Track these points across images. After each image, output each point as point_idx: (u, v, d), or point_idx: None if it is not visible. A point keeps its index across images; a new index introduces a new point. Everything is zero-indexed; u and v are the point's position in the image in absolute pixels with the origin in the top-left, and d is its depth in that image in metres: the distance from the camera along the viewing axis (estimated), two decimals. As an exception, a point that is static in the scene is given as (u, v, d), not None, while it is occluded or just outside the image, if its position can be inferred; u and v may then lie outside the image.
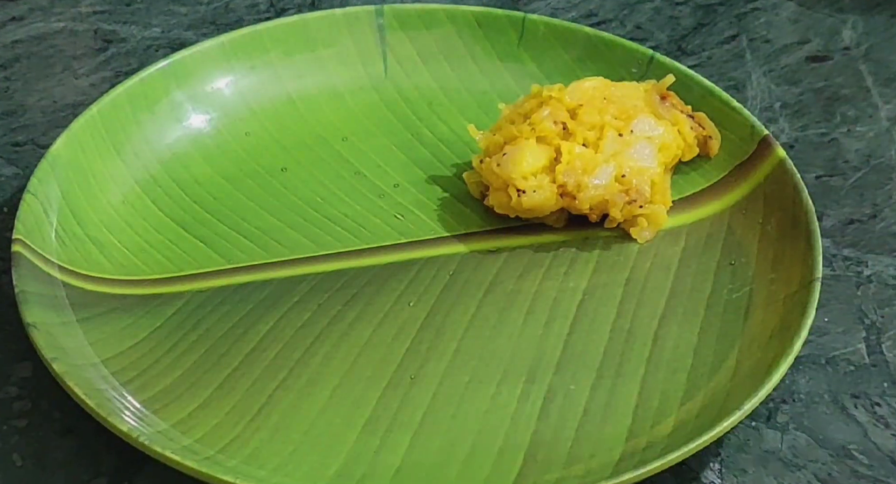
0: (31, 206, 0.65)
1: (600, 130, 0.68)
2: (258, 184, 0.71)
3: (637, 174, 0.67)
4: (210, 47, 0.75)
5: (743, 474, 0.59)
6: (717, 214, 0.69)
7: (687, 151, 0.71)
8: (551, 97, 0.69)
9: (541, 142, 0.68)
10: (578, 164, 0.67)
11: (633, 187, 0.67)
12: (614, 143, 0.68)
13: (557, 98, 0.69)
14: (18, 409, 0.60)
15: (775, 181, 0.68)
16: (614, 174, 0.67)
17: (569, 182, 0.67)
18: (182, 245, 0.67)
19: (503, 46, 0.78)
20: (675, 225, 0.69)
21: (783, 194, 0.68)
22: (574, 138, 0.68)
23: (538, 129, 0.68)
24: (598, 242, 0.68)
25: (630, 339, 0.63)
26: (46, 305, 0.61)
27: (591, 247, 0.68)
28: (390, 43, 0.78)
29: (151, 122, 0.72)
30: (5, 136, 0.75)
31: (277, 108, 0.75)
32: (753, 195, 0.69)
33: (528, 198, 0.67)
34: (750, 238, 0.67)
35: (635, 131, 0.68)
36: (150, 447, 0.55)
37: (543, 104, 0.69)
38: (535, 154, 0.67)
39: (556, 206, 0.67)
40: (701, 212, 0.70)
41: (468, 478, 0.57)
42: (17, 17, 0.84)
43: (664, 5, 0.86)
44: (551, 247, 0.68)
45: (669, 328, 0.63)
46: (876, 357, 0.64)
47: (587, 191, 0.67)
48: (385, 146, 0.74)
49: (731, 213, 0.69)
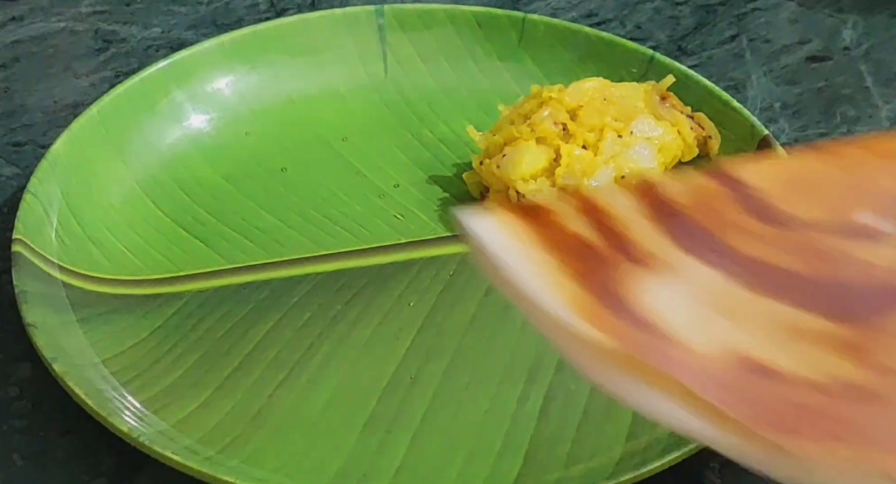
0: (31, 206, 0.65)
1: (600, 132, 0.68)
2: (258, 184, 0.71)
3: (637, 175, 0.67)
4: (210, 47, 0.75)
5: (743, 474, 0.58)
6: (718, 214, 0.69)
7: (687, 152, 0.71)
8: (551, 98, 0.69)
9: (540, 143, 0.68)
10: (578, 167, 0.67)
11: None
12: (614, 144, 0.68)
13: (557, 99, 0.69)
14: (18, 409, 0.60)
15: (775, 181, 0.68)
16: (614, 176, 0.67)
17: (568, 185, 0.67)
18: (182, 245, 0.67)
19: (503, 46, 0.78)
20: (676, 225, 0.69)
21: (783, 194, 0.67)
22: (574, 140, 0.68)
23: (538, 130, 0.68)
24: (599, 242, 0.68)
25: (630, 339, 0.63)
26: (46, 305, 0.61)
27: (592, 247, 0.68)
28: (390, 43, 0.78)
29: (151, 122, 0.72)
30: (5, 136, 0.75)
31: (277, 108, 0.75)
32: (754, 195, 0.69)
33: (527, 201, 0.67)
34: (750, 238, 0.67)
35: (635, 132, 0.68)
36: (150, 447, 0.55)
37: (543, 105, 0.69)
38: (534, 155, 0.67)
39: (555, 207, 0.67)
40: (701, 212, 0.69)
41: (468, 478, 0.57)
42: (17, 17, 0.84)
43: (664, 5, 0.86)
44: (551, 247, 0.68)
45: (670, 328, 0.63)
46: (876, 357, 0.64)
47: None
48: (385, 146, 0.74)
49: (731, 213, 0.69)
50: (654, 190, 0.45)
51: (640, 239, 0.44)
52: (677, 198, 0.45)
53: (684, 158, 0.71)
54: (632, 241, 0.44)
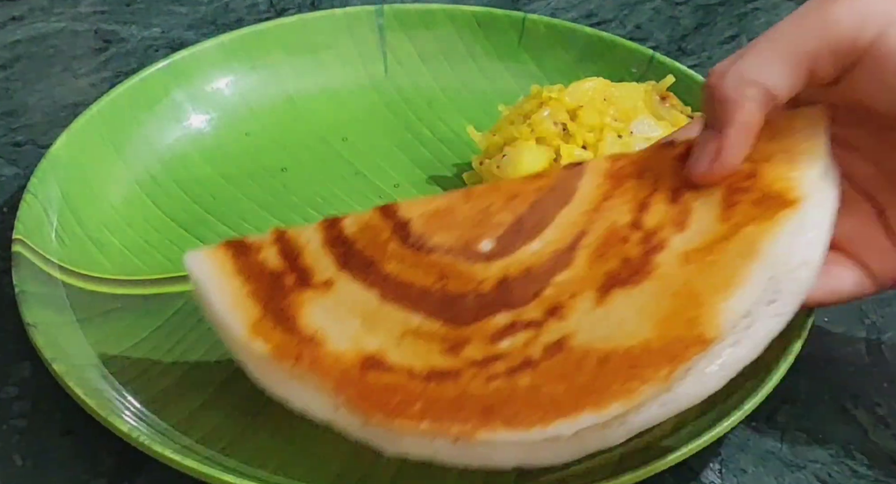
0: (31, 206, 0.65)
1: (600, 132, 0.68)
2: (258, 184, 0.71)
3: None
4: (210, 47, 0.75)
5: (743, 474, 0.59)
6: (717, 214, 0.69)
7: (687, 152, 0.71)
8: (551, 98, 0.69)
9: (540, 143, 0.68)
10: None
11: (632, 187, 0.67)
12: (614, 144, 0.68)
13: (557, 99, 0.69)
14: (18, 409, 0.60)
15: (775, 181, 0.68)
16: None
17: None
18: (182, 245, 0.67)
19: (503, 46, 0.78)
20: (675, 225, 0.69)
21: (783, 194, 0.67)
22: (574, 140, 0.68)
23: (538, 130, 0.68)
24: (598, 242, 0.68)
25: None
26: (46, 305, 0.61)
27: (591, 247, 0.68)
28: (390, 43, 0.78)
29: (151, 122, 0.72)
30: (5, 136, 0.75)
31: (277, 108, 0.75)
32: (753, 195, 0.69)
33: None
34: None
35: (635, 132, 0.68)
36: (150, 447, 0.55)
37: (543, 105, 0.69)
38: (534, 155, 0.67)
39: (555, 208, 0.67)
40: (701, 212, 0.69)
41: (469, 478, 0.57)
42: (17, 17, 0.84)
43: (664, 5, 0.86)
44: (551, 247, 0.68)
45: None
46: (876, 357, 0.64)
47: (587, 192, 0.67)
48: (385, 146, 0.74)
49: (731, 213, 0.69)
50: (336, 224, 0.57)
51: (314, 265, 0.55)
52: (350, 230, 0.57)
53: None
54: (308, 266, 0.55)
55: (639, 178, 0.57)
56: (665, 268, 0.53)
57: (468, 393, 0.50)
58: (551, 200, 0.57)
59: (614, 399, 0.49)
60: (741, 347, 0.52)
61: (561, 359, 0.51)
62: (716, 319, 0.51)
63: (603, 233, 0.55)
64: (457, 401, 0.50)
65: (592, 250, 0.54)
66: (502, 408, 0.50)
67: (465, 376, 0.51)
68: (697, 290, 0.52)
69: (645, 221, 0.55)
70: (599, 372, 0.50)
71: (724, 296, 0.51)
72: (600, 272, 0.53)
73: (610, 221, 0.55)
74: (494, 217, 0.57)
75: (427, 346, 0.53)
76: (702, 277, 0.52)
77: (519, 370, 0.51)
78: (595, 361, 0.50)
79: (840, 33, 0.49)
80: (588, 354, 0.51)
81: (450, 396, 0.51)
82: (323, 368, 0.51)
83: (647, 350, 0.50)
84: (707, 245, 0.53)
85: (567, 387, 0.50)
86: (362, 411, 0.50)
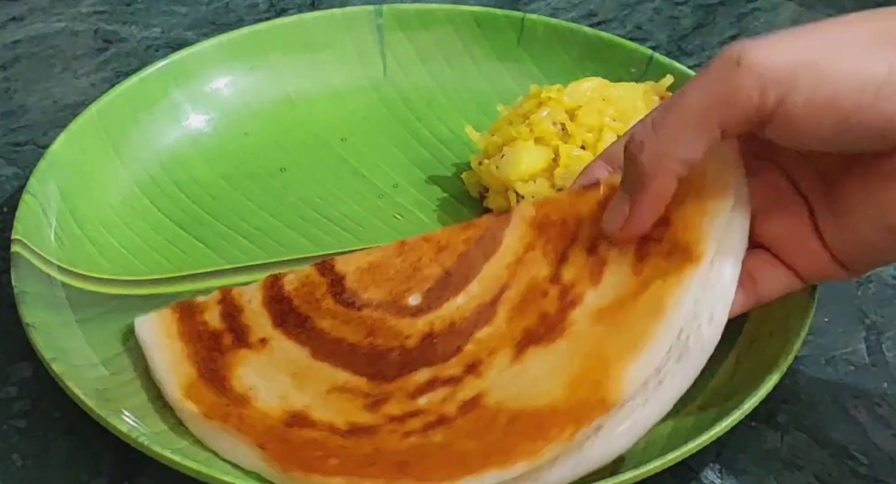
0: (30, 207, 0.65)
1: (599, 132, 0.68)
2: (257, 184, 0.71)
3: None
4: (209, 47, 0.75)
5: (743, 474, 0.58)
6: (717, 214, 0.69)
7: (686, 151, 0.70)
8: (550, 98, 0.69)
9: (539, 143, 0.68)
10: (577, 168, 0.67)
11: (632, 187, 0.67)
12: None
13: (556, 99, 0.69)
14: (18, 409, 0.60)
15: (775, 181, 0.68)
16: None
17: (567, 186, 0.67)
18: (181, 245, 0.67)
19: (502, 47, 0.78)
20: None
21: (783, 194, 0.67)
22: (573, 140, 0.68)
23: (537, 130, 0.68)
24: (598, 242, 0.68)
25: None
26: (46, 305, 0.61)
27: (591, 247, 0.68)
28: (389, 43, 0.78)
29: (151, 122, 0.72)
30: (5, 137, 0.75)
31: (276, 109, 0.75)
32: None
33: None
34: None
35: (635, 131, 0.68)
36: (149, 447, 0.55)
37: (542, 105, 0.69)
38: (533, 156, 0.67)
39: (554, 209, 0.68)
40: (700, 212, 0.69)
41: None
42: (17, 17, 0.84)
43: (664, 5, 0.86)
44: (551, 247, 0.68)
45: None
46: (876, 357, 0.64)
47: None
48: (384, 146, 0.74)
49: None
50: (277, 282, 0.60)
51: (252, 324, 0.59)
52: (289, 287, 0.60)
53: (684, 158, 0.71)
54: (245, 325, 0.59)
55: (561, 226, 0.59)
56: (579, 326, 0.55)
57: (384, 448, 0.53)
58: (478, 252, 0.59)
59: (519, 459, 0.51)
60: (650, 407, 0.54)
61: (474, 416, 0.53)
62: (620, 383, 0.52)
63: (523, 287, 0.57)
64: (372, 456, 0.53)
65: (513, 305, 0.57)
66: (415, 464, 0.52)
67: (382, 432, 0.54)
68: (606, 352, 0.54)
69: (563, 275, 0.57)
70: (508, 431, 0.52)
71: (631, 357, 0.53)
72: (519, 328, 0.56)
73: (530, 275, 0.58)
74: (424, 270, 0.60)
75: (351, 402, 0.55)
76: (611, 338, 0.54)
77: (434, 426, 0.53)
78: (505, 420, 0.52)
79: (744, 102, 0.51)
80: (500, 412, 0.53)
81: (366, 451, 0.53)
82: (248, 425, 0.55)
83: (554, 411, 0.52)
84: (618, 302, 0.55)
85: (477, 444, 0.52)
86: (282, 466, 0.53)
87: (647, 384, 0.53)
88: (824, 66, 0.50)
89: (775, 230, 0.57)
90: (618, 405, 0.52)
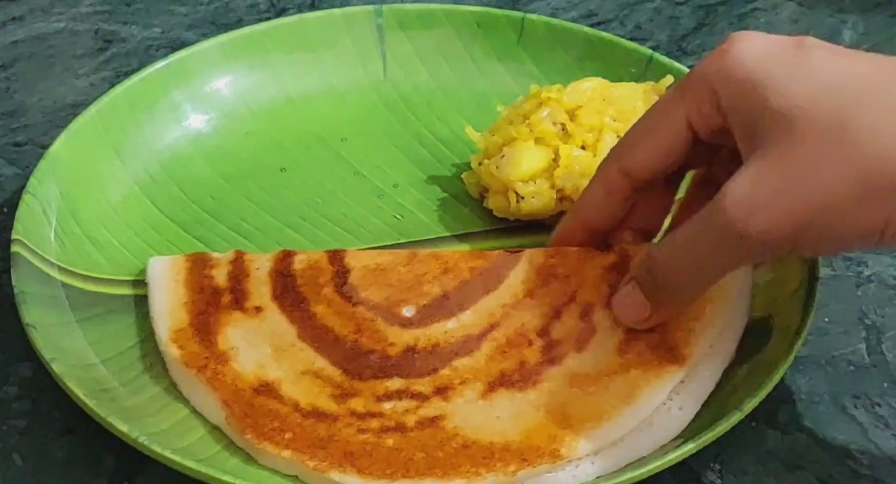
0: (30, 207, 0.65)
1: (599, 132, 0.68)
2: (257, 184, 0.71)
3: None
4: (209, 47, 0.75)
5: (743, 474, 0.58)
6: (717, 214, 0.69)
7: (686, 151, 0.70)
8: (550, 98, 0.69)
9: (539, 143, 0.68)
10: (577, 168, 0.67)
11: (632, 187, 0.67)
12: (613, 144, 0.68)
13: (556, 99, 0.69)
14: (18, 409, 0.60)
15: (775, 181, 0.68)
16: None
17: (567, 185, 0.67)
18: (181, 245, 0.67)
19: (502, 47, 0.78)
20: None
21: (783, 194, 0.67)
22: (573, 140, 0.68)
23: (537, 130, 0.68)
24: (598, 242, 0.68)
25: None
26: (46, 305, 0.61)
27: (591, 247, 0.68)
28: (389, 43, 0.78)
29: (151, 122, 0.72)
30: (5, 137, 0.75)
31: (277, 109, 0.75)
32: (753, 195, 0.69)
33: (526, 204, 0.67)
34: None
35: (635, 131, 0.68)
36: (149, 447, 0.55)
37: (542, 105, 0.69)
38: (533, 156, 0.67)
39: (555, 210, 0.67)
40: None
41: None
42: (17, 17, 0.84)
43: (664, 5, 0.86)
44: (551, 247, 0.68)
45: (669, 328, 0.64)
46: (876, 357, 0.64)
47: (586, 193, 0.67)
48: (384, 146, 0.74)
49: (730, 213, 0.69)
50: (289, 258, 0.63)
51: (253, 290, 0.62)
52: (298, 266, 0.62)
53: (683, 158, 0.71)
54: (247, 290, 0.62)
55: (564, 281, 0.61)
56: (552, 383, 0.57)
57: (337, 437, 0.56)
58: (479, 283, 0.62)
59: (458, 477, 0.54)
60: (597, 465, 0.55)
61: (430, 433, 0.56)
62: (576, 442, 0.55)
63: (511, 331, 0.60)
64: (324, 441, 0.56)
65: (498, 345, 0.59)
66: (361, 457, 0.55)
67: (340, 423, 0.56)
68: (570, 413, 0.56)
69: (552, 331, 0.60)
70: (457, 453, 0.55)
71: (592, 426, 0.56)
72: (496, 368, 0.58)
73: (522, 321, 0.60)
74: (425, 286, 0.62)
75: (321, 388, 0.58)
76: (579, 404, 0.57)
77: (390, 431, 0.56)
78: (458, 444, 0.55)
79: (755, 259, 0.59)
80: (455, 436, 0.56)
81: (320, 435, 0.56)
82: (220, 382, 0.58)
83: (505, 448, 0.55)
84: (595, 374, 0.58)
85: (424, 457, 0.55)
86: (239, 428, 0.56)
87: (601, 448, 0.56)
88: (822, 229, 0.52)
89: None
90: (568, 459, 0.55)
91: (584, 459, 0.55)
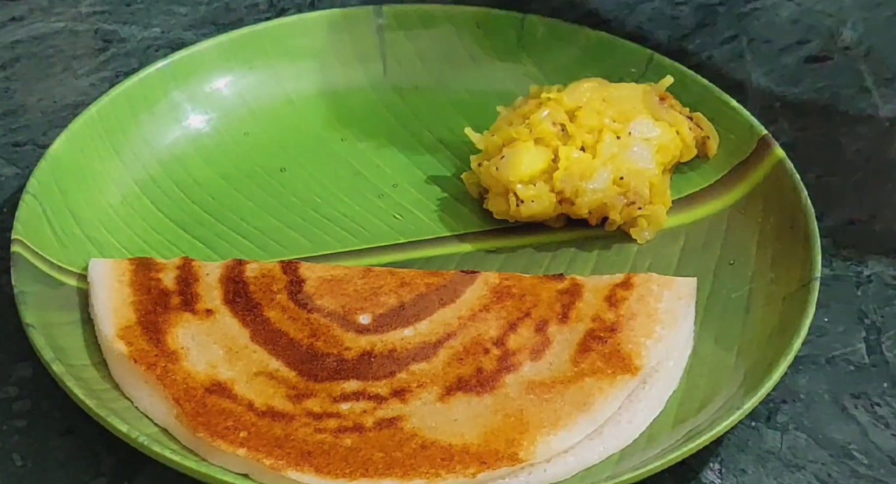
0: (30, 207, 0.65)
1: (598, 133, 0.68)
2: (257, 184, 0.71)
3: (635, 176, 0.67)
4: (209, 47, 0.75)
5: (743, 474, 0.58)
6: (717, 214, 0.69)
7: (685, 152, 0.71)
8: (550, 98, 0.69)
9: (539, 143, 0.68)
10: (576, 170, 0.67)
11: (631, 189, 0.67)
12: (612, 145, 0.68)
13: (556, 99, 0.69)
14: (18, 409, 0.60)
15: (774, 181, 0.68)
16: (612, 177, 0.67)
17: (567, 188, 0.67)
18: (181, 245, 0.67)
19: (502, 47, 0.78)
20: (675, 224, 0.69)
21: (782, 194, 0.68)
22: (572, 141, 0.68)
23: (536, 130, 0.68)
24: (598, 242, 0.68)
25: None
26: (46, 305, 0.61)
27: (591, 247, 0.68)
28: (389, 43, 0.78)
29: (150, 122, 0.72)
30: (5, 136, 0.75)
31: (276, 109, 0.75)
32: (753, 195, 0.69)
33: (526, 207, 0.67)
34: (749, 238, 0.67)
35: (633, 133, 0.68)
36: (149, 447, 0.55)
37: (542, 105, 0.69)
38: (533, 157, 0.67)
39: (554, 212, 0.67)
40: (700, 211, 0.70)
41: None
42: (17, 17, 0.84)
43: (664, 5, 0.86)
44: (551, 247, 0.68)
45: (669, 328, 0.64)
46: (876, 357, 0.64)
47: (585, 196, 0.67)
48: (384, 146, 0.74)
49: (730, 212, 0.69)
50: (239, 266, 0.63)
51: (203, 294, 0.62)
52: (250, 274, 0.63)
53: (682, 159, 0.71)
54: (197, 294, 0.62)
55: (519, 300, 0.62)
56: (509, 389, 0.58)
57: (294, 436, 0.56)
58: (436, 297, 0.63)
59: (418, 477, 0.55)
60: (557, 467, 0.56)
61: (388, 434, 0.57)
62: (534, 446, 0.56)
63: (468, 340, 0.61)
64: (280, 440, 0.56)
65: (454, 352, 0.60)
66: (319, 457, 0.55)
67: (297, 423, 0.57)
68: (528, 419, 0.57)
69: (507, 341, 0.61)
70: (416, 454, 0.56)
71: (549, 431, 0.57)
72: (453, 373, 0.59)
73: (479, 331, 0.61)
74: (381, 297, 0.62)
75: (275, 388, 0.58)
76: (535, 409, 0.58)
77: (347, 431, 0.57)
78: (417, 445, 0.56)
79: None
80: (414, 437, 0.56)
81: (276, 434, 0.56)
82: (171, 379, 0.58)
83: (465, 450, 0.56)
84: (551, 382, 0.59)
85: (382, 456, 0.56)
86: (191, 426, 0.56)
87: (555, 455, 0.57)
88: None
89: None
90: (527, 463, 0.56)
91: (538, 465, 0.56)
